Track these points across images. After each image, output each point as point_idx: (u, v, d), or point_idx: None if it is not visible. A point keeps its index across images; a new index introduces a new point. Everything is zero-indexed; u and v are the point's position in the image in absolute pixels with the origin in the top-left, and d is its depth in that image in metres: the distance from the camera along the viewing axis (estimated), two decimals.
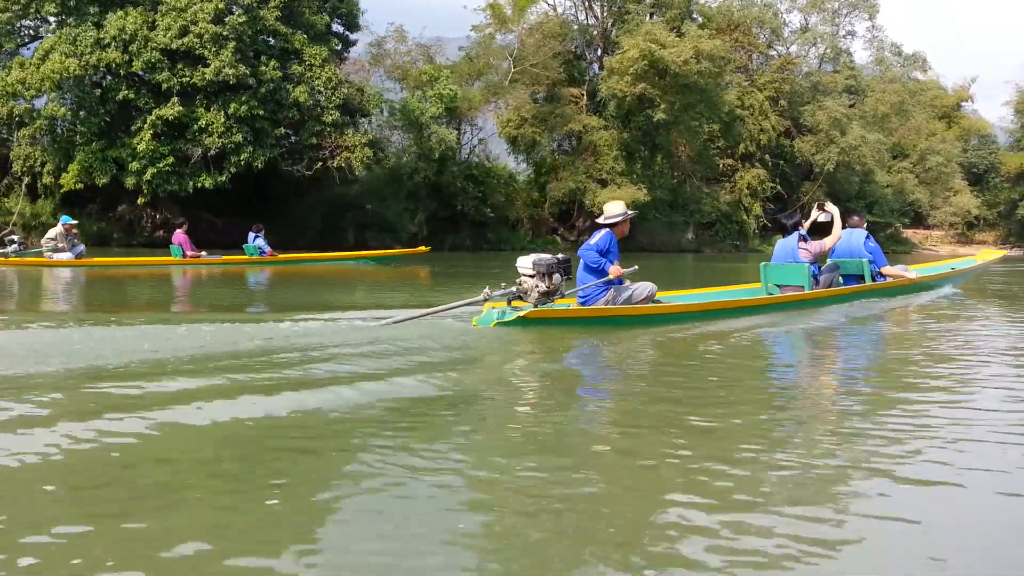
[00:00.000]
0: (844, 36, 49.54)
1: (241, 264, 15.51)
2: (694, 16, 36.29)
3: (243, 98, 23.51)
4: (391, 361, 4.59)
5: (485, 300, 6.06)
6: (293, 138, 25.58)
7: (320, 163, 25.09)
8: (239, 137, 23.56)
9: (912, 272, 9.34)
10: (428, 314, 6.04)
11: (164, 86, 23.25)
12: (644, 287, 6.64)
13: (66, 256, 14.08)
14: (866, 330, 7.03)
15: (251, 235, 16.26)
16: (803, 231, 8.23)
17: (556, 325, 6.18)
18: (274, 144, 24.45)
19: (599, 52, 38.76)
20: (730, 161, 46.68)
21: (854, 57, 49.97)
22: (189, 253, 15.14)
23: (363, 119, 27.99)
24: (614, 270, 6.46)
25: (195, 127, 23.64)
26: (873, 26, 48.31)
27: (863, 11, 47.95)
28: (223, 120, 23.39)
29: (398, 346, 5.03)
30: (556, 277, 6.12)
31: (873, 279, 8.44)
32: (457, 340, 5.45)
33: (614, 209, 7.05)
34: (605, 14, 38.03)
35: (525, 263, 6.21)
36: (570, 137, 38.66)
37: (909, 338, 6.44)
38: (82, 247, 14.71)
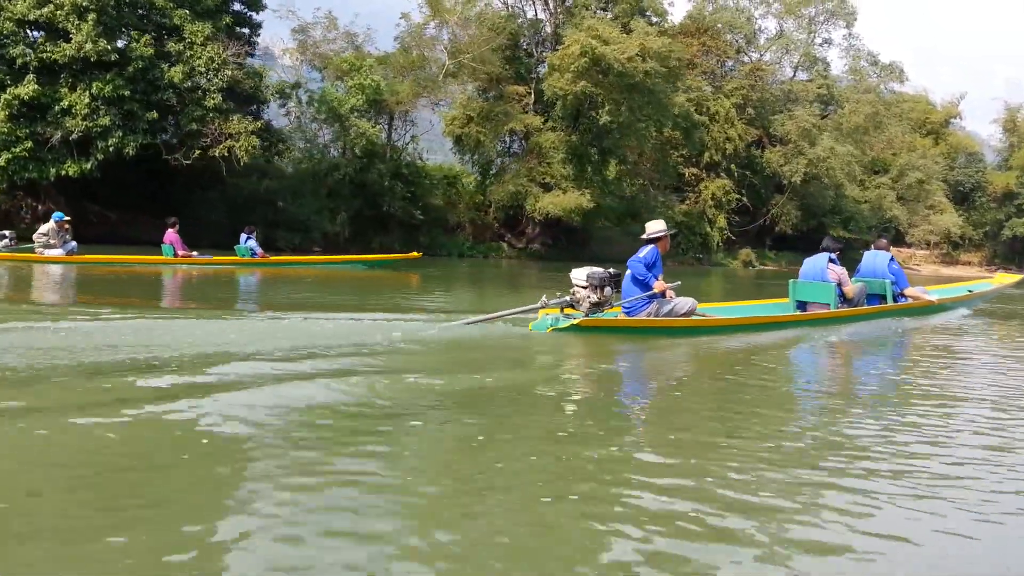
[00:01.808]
0: (821, 44, 46.35)
1: (232, 265, 15.09)
2: (646, 13, 33.21)
3: (108, 77, 20.65)
4: (467, 355, 5.16)
5: (542, 307, 6.43)
6: (174, 124, 22.62)
7: (199, 151, 22.09)
8: (106, 120, 20.63)
9: (932, 294, 9.46)
10: (495, 317, 6.42)
11: (19, 61, 20.40)
12: (685, 302, 6.87)
13: (57, 252, 13.75)
14: (887, 348, 7.18)
15: (243, 236, 15.83)
16: (834, 255, 8.26)
17: (605, 333, 6.37)
18: (147, 129, 21.51)
19: (550, 49, 35.77)
20: (694, 170, 43.50)
21: (831, 66, 46.75)
22: (180, 252, 14.66)
23: (260, 106, 25.04)
24: (659, 285, 6.67)
25: (56, 108, 20.73)
26: (850, 34, 45.08)
27: (840, 19, 44.75)
28: (88, 101, 20.53)
29: (472, 344, 5.57)
30: (607, 290, 6.51)
31: (895, 299, 8.61)
32: (517, 342, 5.87)
33: (656, 226, 7.15)
34: (558, 9, 35.03)
35: (579, 275, 6.56)
36: (519, 138, 35.67)
37: (928, 356, 6.50)
38: (74, 244, 14.30)
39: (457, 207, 34.61)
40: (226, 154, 21.91)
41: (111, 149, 21.01)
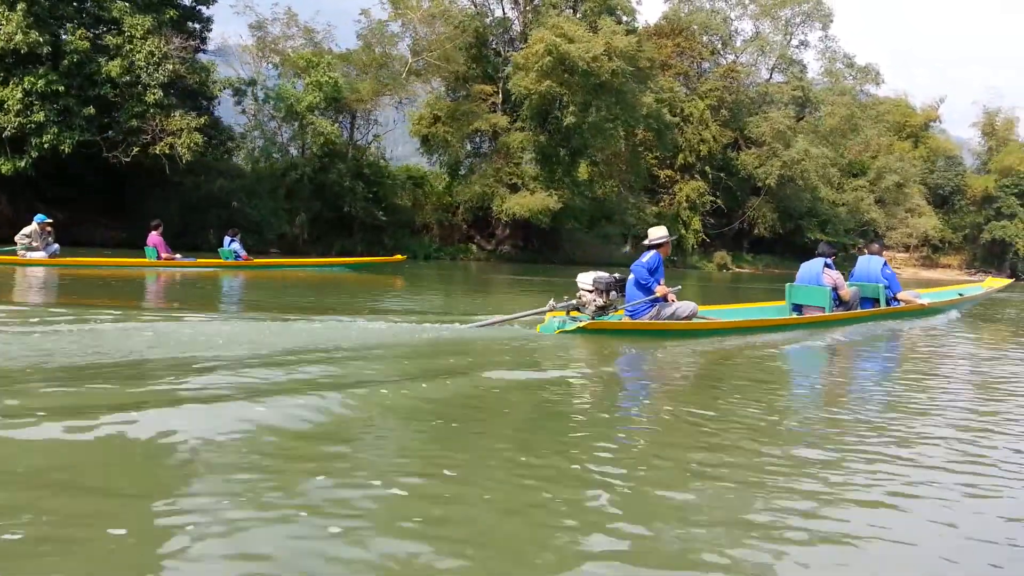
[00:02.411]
0: (797, 46, 45.75)
1: (216, 268, 14.86)
2: (615, 12, 32.43)
3: (41, 71, 19.70)
4: (477, 358, 5.16)
5: (549, 310, 6.65)
6: (115, 120, 21.61)
7: (139, 148, 21.11)
8: (40, 116, 19.66)
9: (923, 298, 9.58)
10: (506, 320, 6.63)
11: None
12: (687, 306, 6.97)
13: (40, 255, 13.47)
14: (879, 350, 7.29)
15: (227, 239, 15.57)
16: (829, 260, 8.32)
17: (609, 335, 6.46)
18: (84, 126, 20.53)
19: (518, 48, 34.97)
20: (669, 172, 42.80)
21: (807, 68, 46.14)
22: (164, 255, 14.38)
23: (209, 103, 24.09)
24: (660, 289, 6.77)
25: None
26: (826, 36, 44.48)
27: (816, 20, 44.14)
28: (20, 96, 19.56)
29: (482, 346, 5.71)
30: (612, 294, 6.69)
31: (888, 303, 8.73)
32: (526, 344, 5.93)
33: (658, 232, 7.24)
34: (526, 7, 34.22)
35: (585, 280, 6.75)
36: (487, 139, 34.83)
37: (918, 357, 6.66)
38: (56, 246, 13.99)
39: (424, 208, 33.74)
40: (168, 151, 20.90)
41: (47, 146, 20.03)
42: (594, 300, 6.63)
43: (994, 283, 13.05)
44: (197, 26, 24.71)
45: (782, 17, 44.66)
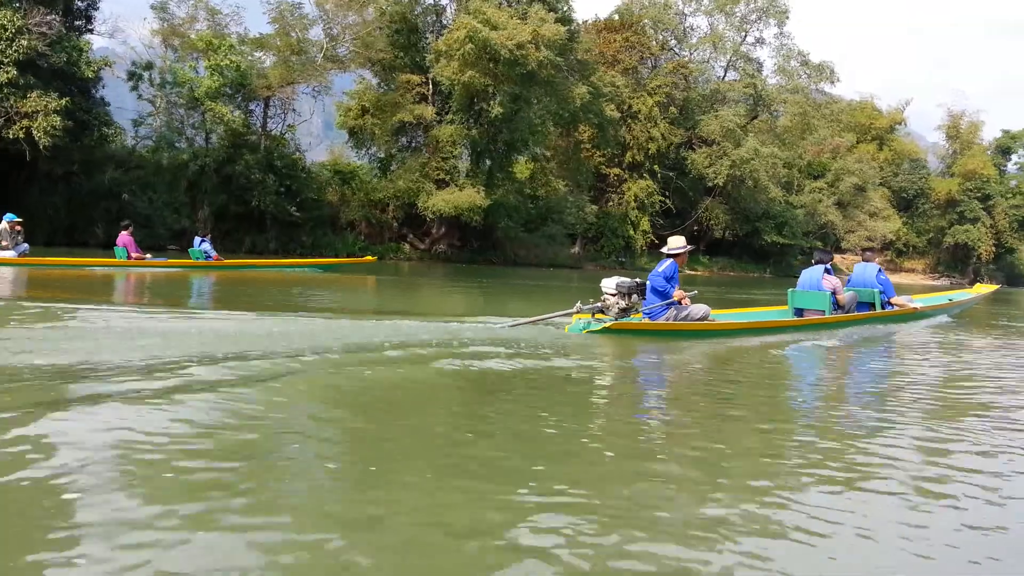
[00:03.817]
0: (753, 44, 43.95)
1: (186, 268, 14.80)
2: (549, 0, 30.41)
3: None
4: (517, 353, 5.43)
5: (576, 312, 6.96)
6: None
7: None
8: None
9: (916, 302, 9.94)
10: (537, 320, 6.89)
11: None
12: (700, 308, 7.39)
13: (9, 254, 13.21)
14: (874, 350, 7.65)
15: (197, 240, 15.36)
16: (828, 266, 8.71)
17: (631, 335, 6.85)
18: None
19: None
20: (617, 170, 40.89)
21: (763, 66, 44.35)
22: (134, 255, 14.24)
23: (90, 85, 21.90)
24: (678, 294, 7.20)
25: None
26: (781, 33, 42.67)
27: (771, 17, 42.37)
28: None
29: (516, 343, 5.84)
30: (634, 297, 7.04)
31: (883, 307, 9.10)
32: (556, 342, 6.19)
33: (677, 242, 7.51)
34: None
35: (609, 284, 7.10)
36: (419, 133, 32.74)
37: (911, 357, 7.03)
38: (26, 245, 13.78)
39: (350, 204, 31.61)
40: (22, 135, 18.73)
41: None
42: (617, 303, 6.99)
43: (983, 289, 13.55)
44: (81, 4, 22.55)
45: (737, 13, 42.85)
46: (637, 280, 7.14)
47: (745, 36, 43.25)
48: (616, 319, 6.85)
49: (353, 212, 31.42)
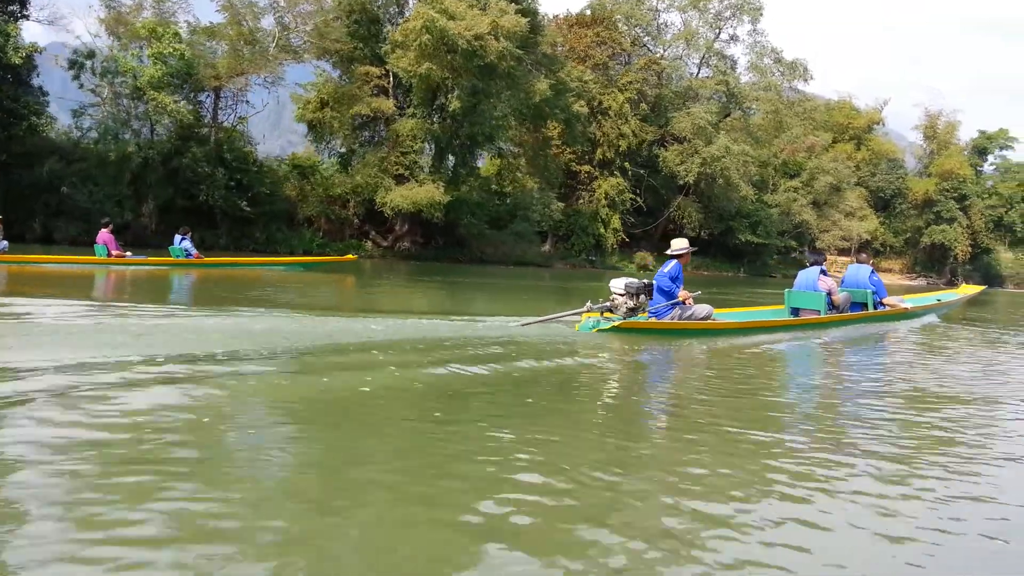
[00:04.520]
0: (727, 41, 43.18)
1: (166, 266, 14.68)
2: None
3: None
4: (531, 350, 5.70)
5: (586, 311, 7.20)
6: None
7: None
8: None
9: (906, 303, 10.39)
10: (551, 319, 7.14)
11: None
12: (703, 308, 7.58)
13: None
14: (867, 347, 7.97)
15: (177, 237, 15.19)
16: (823, 267, 9.00)
17: (638, 333, 7.06)
18: None
19: None
20: (588, 168, 40.03)
21: (737, 63, 43.60)
22: (114, 252, 14.10)
23: (24, 72, 20.78)
24: (682, 294, 7.40)
25: None
26: (755, 30, 41.92)
27: (745, 14, 41.61)
28: None
29: (529, 340, 6.13)
30: (642, 297, 7.26)
31: (875, 307, 9.33)
32: (568, 339, 6.46)
33: (680, 244, 7.70)
34: None
35: (618, 285, 7.31)
36: (381, 127, 31.74)
37: (901, 353, 7.51)
38: (5, 243, 13.77)
39: (308, 200, 30.57)
40: None
41: None
42: (625, 302, 7.17)
43: (969, 290, 13.91)
44: None
45: (711, 10, 42.06)
46: (645, 281, 7.35)
47: (719, 33, 42.48)
48: (624, 318, 7.08)
49: (311, 208, 30.41)
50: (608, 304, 7.25)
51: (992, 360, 7.23)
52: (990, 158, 62.53)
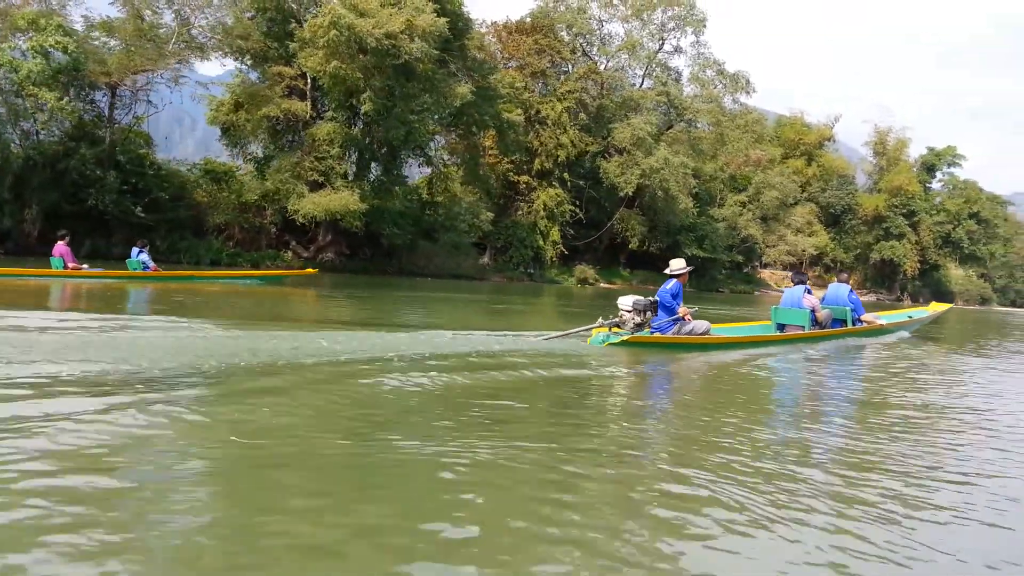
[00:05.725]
0: (671, 52, 42.21)
1: (123, 279, 14.32)
2: None
3: None
4: (551, 361, 6.11)
5: (598, 326, 7.73)
6: None
7: None
8: None
9: (881, 319, 11.18)
10: (566, 335, 7.67)
11: None
12: (701, 324, 8.09)
13: None
14: (846, 360, 8.36)
15: (135, 250, 14.97)
16: (807, 286, 9.68)
17: (643, 347, 7.54)
18: None
19: None
20: (527, 178, 38.59)
21: (682, 75, 42.63)
22: (71, 265, 13.83)
23: None
24: (682, 310, 7.95)
25: None
26: (698, 42, 41.01)
27: (689, 25, 40.69)
28: None
29: (548, 353, 6.58)
30: (648, 314, 7.75)
31: (854, 323, 10.02)
32: (582, 352, 6.92)
33: (678, 264, 8.16)
34: None
35: (626, 302, 7.80)
36: (298, 130, 29.93)
37: (876, 365, 8.00)
38: None
39: (219, 206, 28.59)
40: None
41: None
42: (633, 319, 7.67)
43: (939, 307, 14.70)
44: None
45: (654, 21, 41.10)
46: (651, 299, 7.84)
47: (662, 44, 41.49)
48: (631, 333, 7.55)
49: (222, 215, 28.43)
50: (616, 320, 7.77)
51: (956, 369, 8.15)
52: (938, 175, 62.46)
